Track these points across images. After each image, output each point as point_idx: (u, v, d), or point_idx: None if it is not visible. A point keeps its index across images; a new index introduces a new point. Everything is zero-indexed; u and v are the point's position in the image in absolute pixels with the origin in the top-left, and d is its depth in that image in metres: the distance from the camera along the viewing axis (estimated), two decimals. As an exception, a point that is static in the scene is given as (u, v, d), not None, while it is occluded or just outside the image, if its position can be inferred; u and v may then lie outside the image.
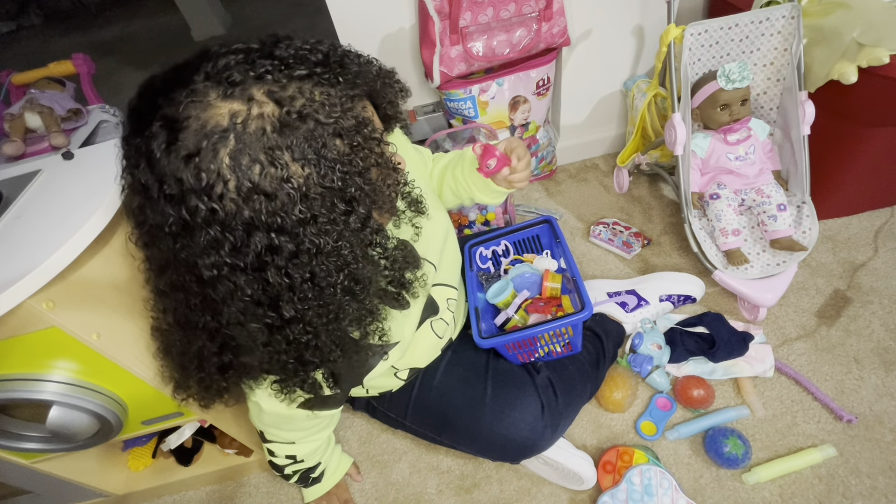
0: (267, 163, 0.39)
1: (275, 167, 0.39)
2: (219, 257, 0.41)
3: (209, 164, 0.38)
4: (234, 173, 0.39)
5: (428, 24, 1.07)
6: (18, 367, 0.63)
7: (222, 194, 0.39)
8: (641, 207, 1.34)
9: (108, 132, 1.22)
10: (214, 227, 0.40)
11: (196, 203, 0.39)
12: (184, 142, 0.38)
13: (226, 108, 0.39)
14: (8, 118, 1.09)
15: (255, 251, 0.41)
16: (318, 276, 0.44)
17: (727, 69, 0.97)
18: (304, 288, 0.44)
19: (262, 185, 0.39)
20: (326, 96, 0.42)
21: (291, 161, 0.40)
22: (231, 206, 0.39)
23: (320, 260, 0.43)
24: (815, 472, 0.81)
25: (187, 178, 0.39)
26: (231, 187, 0.39)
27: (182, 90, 0.40)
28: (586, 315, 0.76)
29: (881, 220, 1.16)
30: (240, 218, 0.40)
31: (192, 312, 0.48)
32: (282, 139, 0.39)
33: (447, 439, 0.84)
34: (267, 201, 0.39)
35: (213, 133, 0.38)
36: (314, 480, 0.87)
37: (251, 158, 0.39)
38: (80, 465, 0.90)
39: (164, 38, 3.45)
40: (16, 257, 0.56)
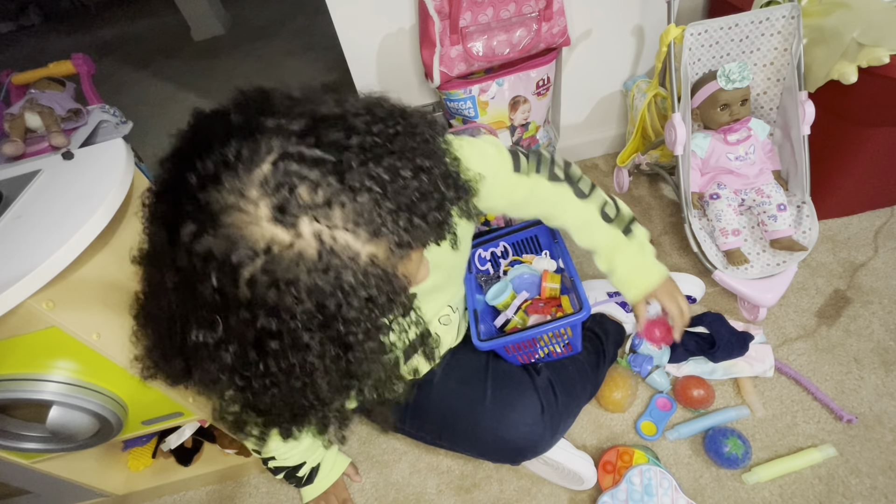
0: (283, 291, 0.37)
1: (288, 296, 0.37)
2: (206, 333, 0.40)
3: (227, 270, 0.37)
4: (247, 287, 0.37)
5: (428, 24, 1.07)
6: (18, 367, 0.63)
7: (227, 294, 0.38)
8: (641, 207, 1.34)
9: (108, 132, 1.22)
10: (213, 314, 0.39)
11: (203, 290, 0.38)
12: (212, 242, 0.36)
13: (269, 232, 0.36)
14: (8, 118, 1.09)
15: (241, 345, 0.40)
16: (291, 380, 0.43)
17: (727, 69, 0.97)
18: (270, 385, 0.43)
19: (269, 304, 0.38)
20: (372, 260, 0.39)
21: (306, 298, 0.38)
22: (232, 305, 0.38)
23: (296, 372, 0.42)
24: (815, 472, 0.81)
25: (200, 268, 0.37)
26: (241, 295, 0.38)
27: (234, 178, 0.37)
28: (584, 315, 0.76)
29: (881, 220, 1.16)
30: (235, 315, 0.39)
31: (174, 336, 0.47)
32: (307, 277, 0.37)
33: (447, 442, 0.84)
34: (266, 318, 0.38)
35: (245, 249, 0.36)
36: (306, 480, 0.86)
37: (269, 282, 0.37)
38: (80, 465, 0.90)
39: (164, 38, 3.45)
40: (16, 257, 0.56)
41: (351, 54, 1.20)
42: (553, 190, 0.73)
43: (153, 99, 2.63)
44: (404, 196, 0.40)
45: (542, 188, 0.73)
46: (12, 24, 4.55)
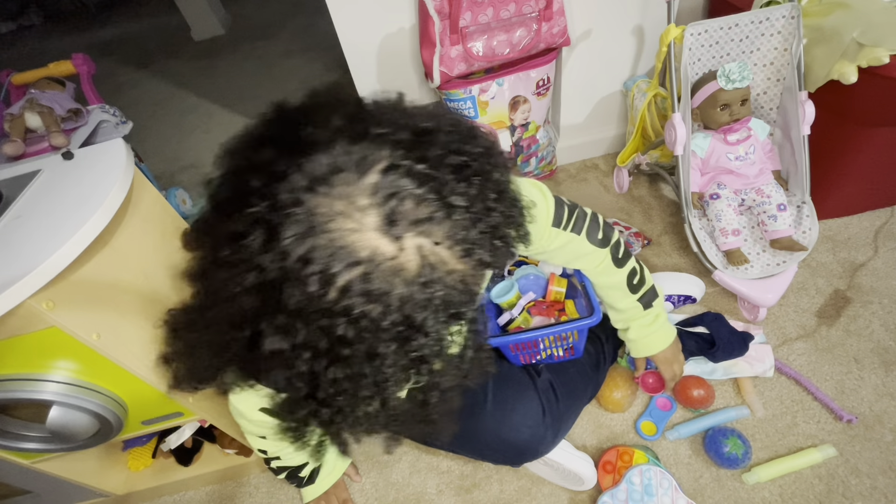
0: (374, 299, 0.37)
1: (375, 306, 0.37)
2: (279, 337, 0.40)
3: (322, 274, 0.36)
4: (338, 293, 0.37)
5: (428, 24, 1.07)
6: (18, 367, 0.63)
7: (313, 298, 0.37)
8: (641, 207, 1.34)
9: (108, 132, 1.22)
10: (290, 318, 0.39)
11: (289, 293, 0.37)
12: (314, 244, 0.36)
13: (374, 242, 0.36)
14: (8, 118, 1.09)
15: (314, 347, 0.40)
16: (360, 390, 0.43)
17: (727, 69, 0.97)
18: (337, 396, 0.44)
19: (354, 313, 0.38)
20: (464, 274, 0.40)
21: (394, 311, 0.38)
22: (314, 309, 0.38)
23: (365, 380, 0.43)
24: (815, 472, 0.81)
25: (293, 272, 0.36)
26: (328, 299, 0.37)
27: (344, 184, 0.36)
28: (595, 321, 0.76)
29: (881, 220, 1.16)
30: (315, 321, 0.38)
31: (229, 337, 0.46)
32: (400, 290, 0.37)
33: (448, 444, 0.84)
34: (347, 326, 0.38)
35: (347, 257, 0.36)
36: (307, 480, 0.86)
37: (363, 291, 0.37)
38: (80, 465, 0.90)
39: (164, 38, 3.45)
40: (16, 257, 0.56)
41: (351, 54, 1.20)
42: (592, 252, 0.74)
43: (153, 99, 2.63)
44: (491, 218, 0.41)
45: (579, 246, 0.73)
46: (12, 24, 4.55)
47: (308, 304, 0.37)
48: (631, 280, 0.77)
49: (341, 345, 0.39)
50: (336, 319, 0.38)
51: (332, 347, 0.39)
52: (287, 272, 0.37)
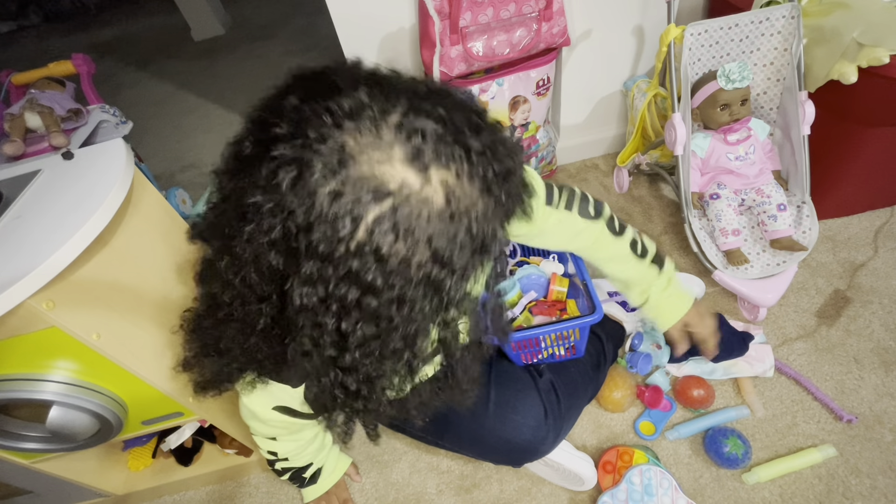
0: (402, 238, 0.37)
1: (405, 245, 0.38)
2: (310, 289, 0.40)
3: (352, 210, 0.36)
4: (367, 232, 0.37)
5: (428, 24, 1.07)
6: (18, 367, 0.63)
7: (343, 239, 0.37)
8: (641, 207, 1.34)
9: (108, 132, 1.22)
10: (319, 263, 0.39)
11: (316, 237, 0.37)
12: (344, 178, 0.36)
13: (401, 174, 0.37)
14: (8, 118, 1.09)
15: (345, 298, 0.40)
16: (388, 343, 0.44)
17: (727, 69, 0.97)
18: (365, 359, 0.44)
19: (384, 253, 0.38)
20: (487, 211, 0.41)
21: (423, 249, 0.38)
22: (342, 252, 0.38)
23: (395, 333, 0.43)
24: (815, 472, 0.81)
25: (322, 211, 0.37)
26: (357, 239, 0.37)
27: (370, 120, 0.37)
28: (597, 318, 0.76)
29: (881, 220, 1.16)
30: (345, 265, 0.38)
31: (254, 313, 0.47)
32: (428, 227, 0.38)
33: (449, 443, 0.84)
34: (378, 267, 0.38)
35: (377, 190, 0.37)
36: (310, 481, 0.86)
37: (392, 228, 0.37)
38: (80, 465, 0.90)
39: (164, 38, 3.45)
40: (16, 257, 0.56)
41: (351, 54, 1.20)
42: (586, 227, 0.74)
43: (153, 99, 2.62)
44: (504, 164, 0.42)
45: (573, 223, 0.73)
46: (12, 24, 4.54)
47: (337, 245, 0.37)
48: (634, 248, 0.77)
49: (370, 293, 0.39)
50: (366, 260, 0.38)
51: (361, 296, 0.39)
52: (316, 212, 0.37)
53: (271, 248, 0.40)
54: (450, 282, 0.41)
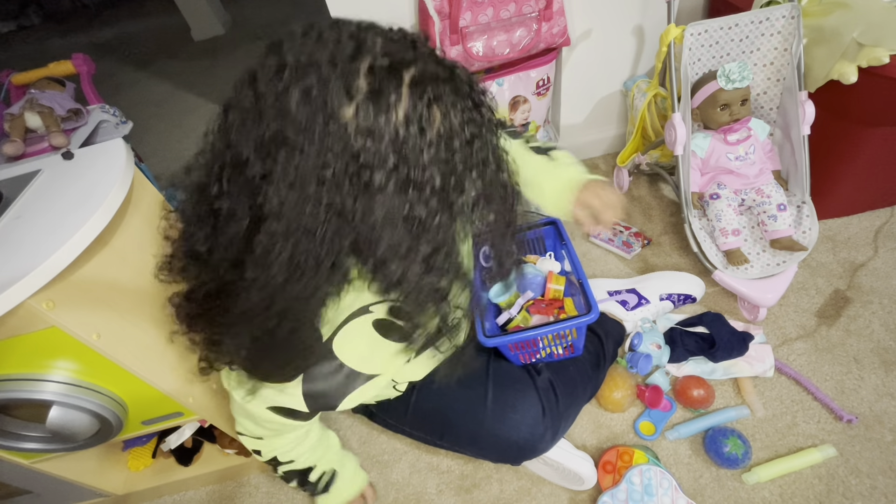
0: (401, 64, 0.43)
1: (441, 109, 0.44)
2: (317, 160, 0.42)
3: (356, 39, 0.44)
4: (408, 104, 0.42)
5: (428, 24, 1.07)
6: (18, 367, 0.63)
7: (345, 59, 0.42)
8: (641, 207, 1.34)
9: (108, 132, 1.22)
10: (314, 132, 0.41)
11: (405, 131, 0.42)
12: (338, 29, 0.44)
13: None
14: (8, 118, 1.09)
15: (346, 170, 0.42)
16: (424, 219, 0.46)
17: (727, 69, 0.97)
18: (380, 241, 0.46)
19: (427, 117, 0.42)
20: None
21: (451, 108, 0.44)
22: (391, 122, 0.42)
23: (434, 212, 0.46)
24: (815, 472, 0.81)
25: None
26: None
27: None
28: (593, 318, 0.76)
29: (881, 220, 1.16)
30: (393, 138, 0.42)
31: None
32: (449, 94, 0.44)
33: (447, 443, 0.84)
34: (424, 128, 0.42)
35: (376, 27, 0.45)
36: (322, 489, 0.83)
37: (420, 92, 0.42)
38: (80, 465, 0.90)
39: (164, 38, 3.45)
40: (16, 257, 0.56)
41: (351, 54, 1.20)
42: None
43: (153, 99, 2.63)
44: None
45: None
46: (12, 24, 4.54)
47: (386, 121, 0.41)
48: (529, 143, 0.80)
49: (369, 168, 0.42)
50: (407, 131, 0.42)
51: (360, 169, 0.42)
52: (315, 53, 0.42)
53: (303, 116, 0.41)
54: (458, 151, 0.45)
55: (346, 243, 0.46)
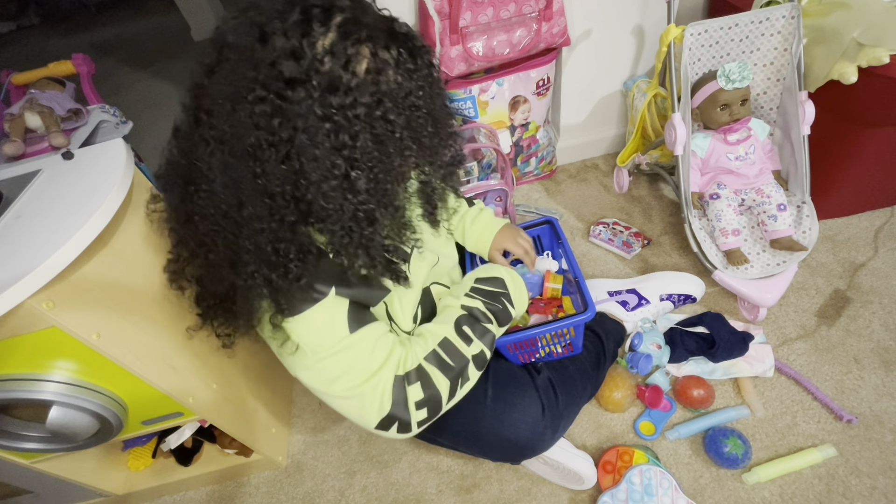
0: (360, 39, 0.50)
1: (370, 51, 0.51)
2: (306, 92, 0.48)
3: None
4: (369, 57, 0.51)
5: (428, 24, 1.07)
6: (18, 367, 0.63)
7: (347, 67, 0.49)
8: (641, 207, 1.34)
9: (108, 132, 1.22)
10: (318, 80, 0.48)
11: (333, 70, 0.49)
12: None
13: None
14: (8, 118, 1.09)
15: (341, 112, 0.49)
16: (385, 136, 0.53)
17: (727, 69, 0.97)
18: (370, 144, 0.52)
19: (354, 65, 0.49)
20: None
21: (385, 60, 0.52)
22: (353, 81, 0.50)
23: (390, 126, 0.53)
24: (815, 472, 0.81)
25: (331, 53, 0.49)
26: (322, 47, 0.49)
27: None
28: (589, 316, 0.76)
29: (881, 220, 1.16)
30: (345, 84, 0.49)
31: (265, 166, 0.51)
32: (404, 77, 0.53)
33: (447, 441, 0.84)
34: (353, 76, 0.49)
35: None
36: (504, 306, 0.73)
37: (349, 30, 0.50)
38: (80, 465, 0.90)
39: (164, 38, 3.44)
40: (16, 257, 0.56)
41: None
42: None
43: (153, 99, 2.62)
44: None
45: None
46: (12, 24, 4.54)
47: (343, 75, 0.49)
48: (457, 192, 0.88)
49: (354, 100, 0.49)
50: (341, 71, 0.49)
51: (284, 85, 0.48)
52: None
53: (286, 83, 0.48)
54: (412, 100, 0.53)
55: (274, 155, 0.50)
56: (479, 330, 0.69)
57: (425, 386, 0.63)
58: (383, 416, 0.62)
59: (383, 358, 0.62)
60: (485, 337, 0.69)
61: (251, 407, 0.94)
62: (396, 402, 0.62)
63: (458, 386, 0.67)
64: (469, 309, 0.70)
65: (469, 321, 0.69)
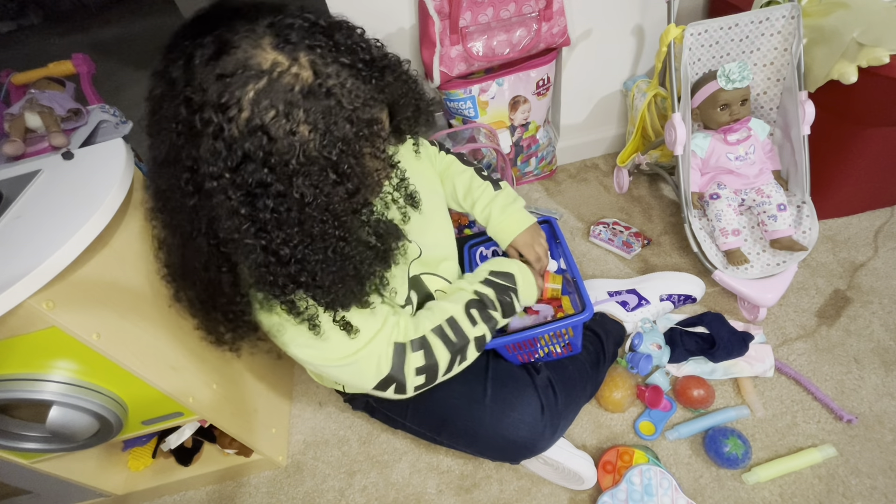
0: (282, 113, 0.44)
1: (287, 119, 0.44)
2: (217, 168, 0.45)
3: (234, 91, 0.44)
4: (251, 107, 0.44)
5: (428, 24, 1.07)
6: (18, 367, 0.63)
7: (233, 118, 0.44)
8: (641, 207, 1.34)
9: (108, 132, 1.22)
10: (218, 143, 0.45)
11: (209, 116, 0.44)
12: (224, 63, 0.44)
13: (272, 56, 0.45)
14: (8, 118, 1.09)
15: (248, 178, 0.46)
16: (306, 222, 0.49)
17: (727, 69, 0.97)
18: (292, 228, 0.49)
19: (270, 128, 0.44)
20: (356, 88, 0.48)
21: (303, 122, 0.45)
22: (236, 132, 0.44)
23: (308, 209, 0.49)
24: (815, 472, 0.81)
25: (211, 92, 0.44)
26: (243, 117, 0.44)
27: (244, 24, 0.46)
28: (587, 316, 0.76)
29: (881, 220, 1.16)
30: (240, 144, 0.45)
31: (190, 219, 0.51)
32: (303, 101, 0.45)
33: (447, 439, 0.84)
34: (268, 142, 0.45)
35: (251, 69, 0.44)
36: (510, 297, 0.75)
37: (271, 103, 0.44)
38: (80, 465, 0.90)
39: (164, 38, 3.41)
40: (16, 257, 0.56)
41: (351, 54, 1.20)
42: (445, 158, 0.91)
43: (153, 99, 2.62)
44: (373, 57, 0.52)
45: (438, 156, 0.90)
46: (12, 24, 4.55)
47: (228, 125, 0.44)
48: (479, 172, 0.90)
49: (269, 170, 0.45)
50: (256, 138, 0.44)
51: (261, 175, 0.45)
52: (205, 90, 0.44)
53: (179, 133, 0.46)
54: (336, 151, 0.47)
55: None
56: (485, 315, 0.73)
57: (427, 355, 0.67)
58: (381, 378, 0.66)
59: (377, 327, 0.65)
60: (489, 322, 0.73)
61: (251, 407, 0.94)
62: (395, 366, 0.66)
63: (457, 362, 0.71)
64: (481, 295, 0.74)
65: (478, 305, 0.73)
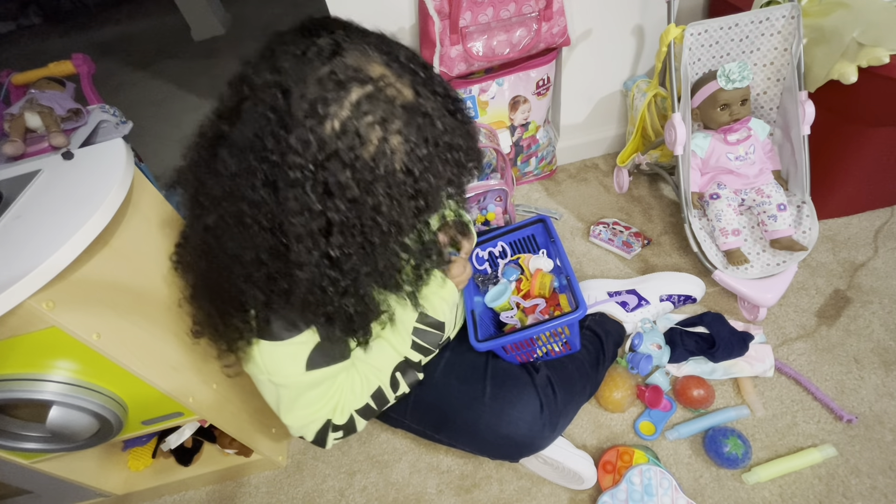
0: (380, 119, 0.46)
1: (382, 127, 0.46)
2: (303, 160, 0.45)
3: (340, 90, 0.45)
4: (351, 108, 0.45)
5: (428, 24, 1.07)
6: (18, 367, 0.63)
7: (332, 115, 0.45)
8: (641, 207, 1.34)
9: (108, 132, 1.22)
10: (312, 135, 0.45)
11: (310, 108, 0.45)
12: (335, 63, 0.46)
13: (380, 69, 0.47)
14: (8, 118, 1.09)
15: (329, 176, 0.46)
16: (370, 231, 0.50)
17: (727, 69, 0.97)
18: (353, 235, 0.50)
19: (364, 132, 0.45)
20: (446, 116, 0.50)
21: (396, 132, 0.46)
22: (331, 129, 0.45)
23: (378, 217, 0.49)
24: (815, 472, 0.81)
25: (318, 87, 0.45)
26: (342, 115, 0.45)
27: (357, 36, 0.49)
28: (581, 314, 0.76)
29: (881, 220, 1.16)
30: (333, 141, 0.45)
31: (250, 227, 0.50)
32: (402, 114, 0.46)
33: (446, 437, 0.84)
34: (360, 145, 0.45)
35: (360, 75, 0.46)
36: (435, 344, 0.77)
37: (371, 109, 0.45)
38: (80, 465, 0.90)
39: (164, 38, 3.44)
40: (16, 257, 0.56)
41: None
42: None
43: (153, 99, 2.62)
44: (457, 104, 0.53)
45: None
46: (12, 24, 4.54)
47: (323, 121, 0.45)
48: None
49: (352, 172, 0.46)
50: (349, 139, 0.45)
51: (344, 176, 0.46)
52: (311, 88, 0.45)
53: (269, 122, 0.46)
54: (419, 168, 0.48)
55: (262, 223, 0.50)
56: (409, 377, 0.76)
57: (347, 430, 0.71)
58: (300, 436, 0.71)
59: (320, 406, 0.68)
60: (412, 381, 0.77)
61: (251, 407, 0.94)
62: (317, 440, 0.70)
63: (372, 417, 0.75)
64: (408, 360, 0.76)
65: (403, 368, 0.76)
